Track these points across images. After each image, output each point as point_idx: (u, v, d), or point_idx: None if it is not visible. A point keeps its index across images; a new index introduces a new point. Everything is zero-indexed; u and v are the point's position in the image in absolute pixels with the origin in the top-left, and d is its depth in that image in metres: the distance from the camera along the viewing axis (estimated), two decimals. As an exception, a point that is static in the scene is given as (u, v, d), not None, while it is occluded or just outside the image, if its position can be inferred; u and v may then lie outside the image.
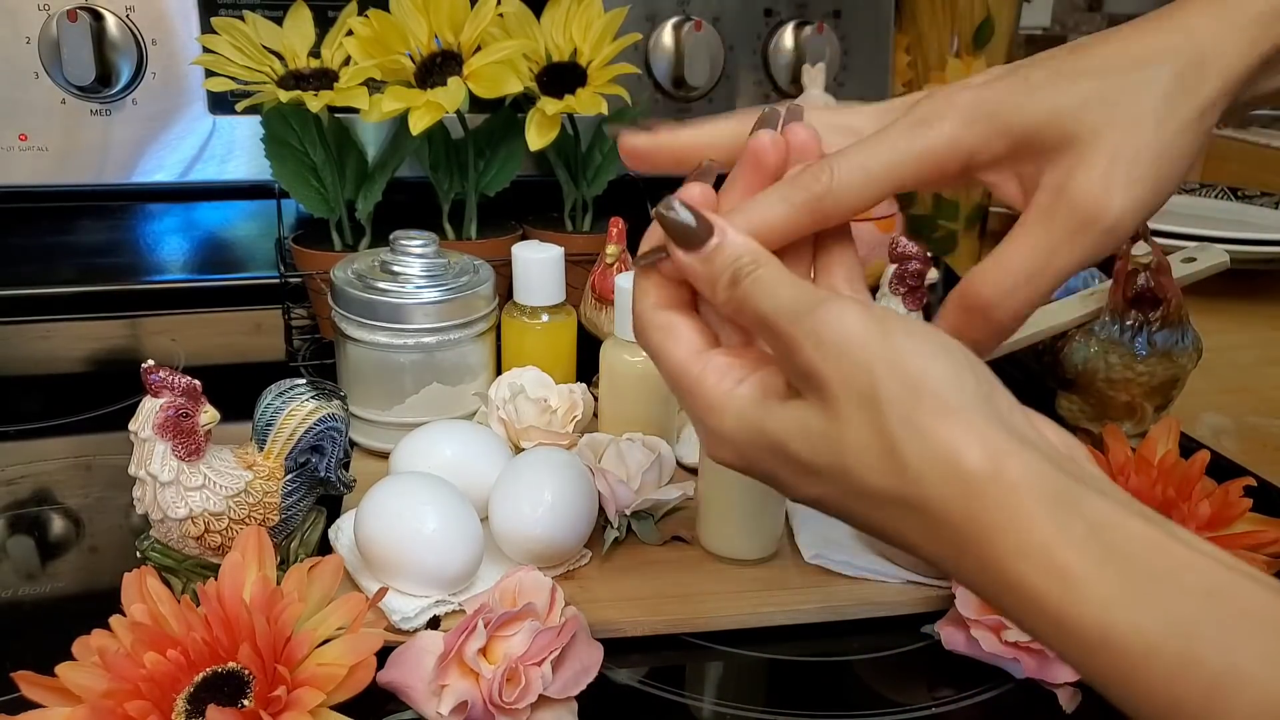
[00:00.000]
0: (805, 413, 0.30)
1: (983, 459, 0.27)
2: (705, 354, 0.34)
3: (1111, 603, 0.25)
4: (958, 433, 0.27)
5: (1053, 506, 0.26)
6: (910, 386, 0.28)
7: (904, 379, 0.28)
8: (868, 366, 0.28)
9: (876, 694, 0.46)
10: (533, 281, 0.65)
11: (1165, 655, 0.24)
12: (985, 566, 0.27)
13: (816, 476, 0.30)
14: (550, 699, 0.42)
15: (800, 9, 0.96)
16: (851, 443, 0.29)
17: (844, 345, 0.29)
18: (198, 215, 0.92)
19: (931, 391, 0.28)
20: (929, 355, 0.29)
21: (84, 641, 0.40)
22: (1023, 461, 0.27)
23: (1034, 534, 0.26)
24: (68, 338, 0.84)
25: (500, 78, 0.70)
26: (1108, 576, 0.25)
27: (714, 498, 0.53)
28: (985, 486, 0.27)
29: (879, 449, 0.28)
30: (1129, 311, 0.61)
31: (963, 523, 0.27)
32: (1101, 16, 1.36)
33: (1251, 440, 0.70)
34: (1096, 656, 0.25)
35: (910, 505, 0.28)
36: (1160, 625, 0.24)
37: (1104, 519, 0.26)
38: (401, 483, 0.50)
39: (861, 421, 0.28)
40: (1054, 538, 0.26)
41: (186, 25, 0.84)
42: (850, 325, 0.29)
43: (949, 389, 0.28)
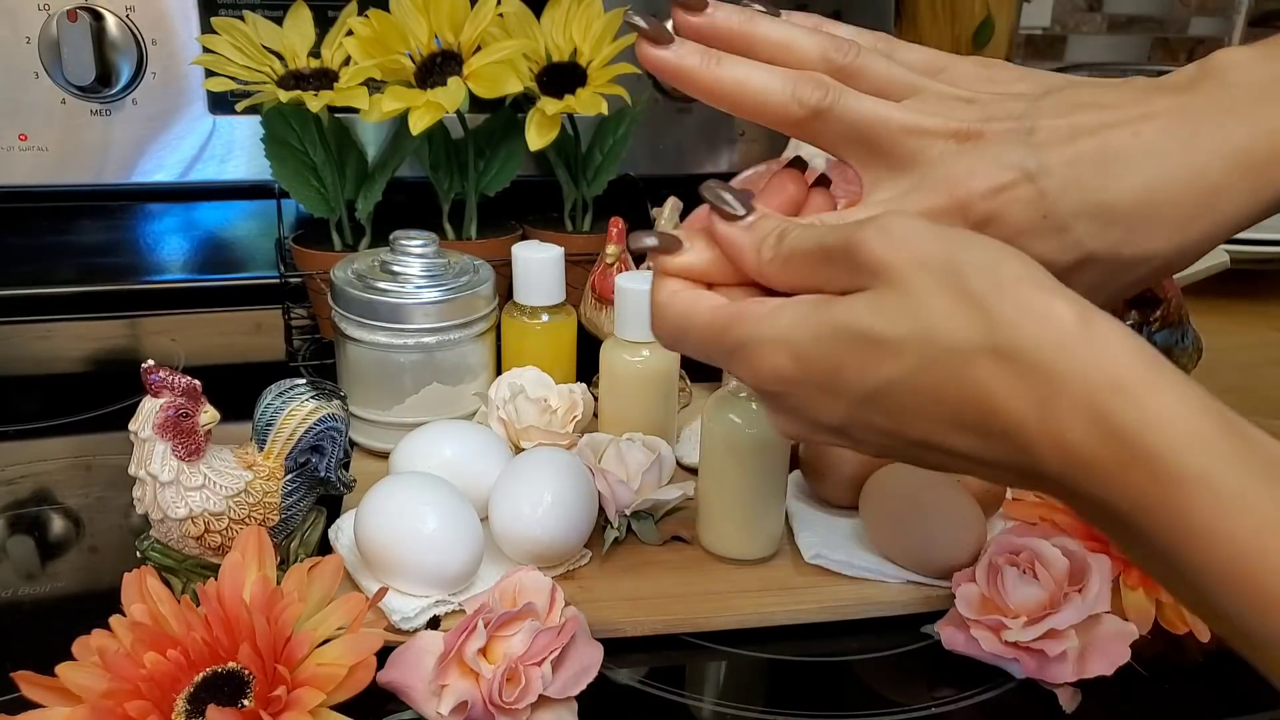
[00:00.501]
0: (877, 295, 0.29)
1: (1073, 312, 0.27)
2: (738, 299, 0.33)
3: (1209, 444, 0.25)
4: (1045, 292, 0.28)
5: (1146, 357, 0.27)
6: (990, 257, 0.28)
7: (982, 252, 0.28)
8: (942, 246, 0.29)
9: (876, 694, 0.46)
10: (533, 281, 0.65)
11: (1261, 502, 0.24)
12: (1079, 407, 0.26)
13: (893, 349, 0.29)
14: (550, 699, 0.42)
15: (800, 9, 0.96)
16: (935, 306, 0.28)
17: (915, 232, 0.29)
18: (198, 215, 0.92)
19: (1013, 263, 0.28)
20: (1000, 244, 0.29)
21: (84, 641, 0.40)
22: (1112, 322, 0.27)
23: (1130, 371, 0.26)
24: (68, 338, 0.84)
25: (500, 78, 0.70)
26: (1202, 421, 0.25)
27: (714, 498, 0.53)
28: (1079, 329, 0.27)
29: (967, 306, 0.28)
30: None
31: (1057, 362, 0.27)
32: (1101, 16, 1.36)
33: (1251, 440, 0.70)
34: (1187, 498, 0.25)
35: (1001, 353, 0.27)
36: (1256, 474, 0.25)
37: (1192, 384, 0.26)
38: (401, 483, 0.50)
39: (944, 287, 0.28)
40: (1150, 377, 0.26)
41: (186, 25, 0.84)
42: (917, 222, 0.30)
43: (1029, 265, 0.28)
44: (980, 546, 0.50)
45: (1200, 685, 0.47)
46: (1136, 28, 1.38)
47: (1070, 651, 0.44)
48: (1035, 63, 1.31)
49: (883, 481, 0.53)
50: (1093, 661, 0.44)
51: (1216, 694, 0.46)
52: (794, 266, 0.32)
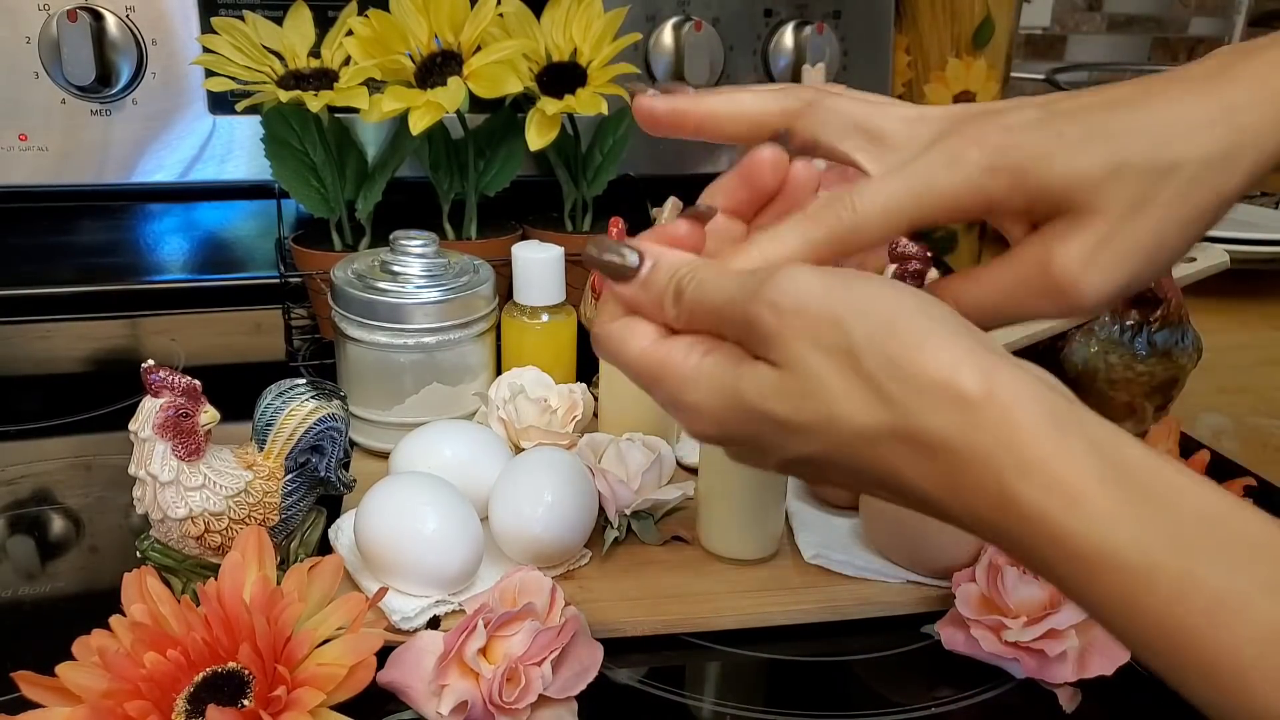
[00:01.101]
0: (778, 375, 0.29)
1: (975, 378, 0.26)
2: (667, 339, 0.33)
3: (1114, 519, 0.24)
4: (944, 355, 0.27)
5: (1051, 423, 0.26)
6: (884, 325, 0.27)
7: (873, 318, 0.28)
8: (833, 316, 0.28)
9: (876, 694, 0.46)
10: (533, 281, 0.65)
11: (1167, 574, 0.24)
12: (983, 489, 0.26)
13: (802, 434, 0.29)
14: (550, 699, 0.42)
15: (800, 9, 0.96)
16: (834, 391, 0.28)
17: (803, 303, 0.28)
18: (198, 215, 0.92)
19: (907, 327, 0.27)
20: (895, 296, 0.28)
21: (84, 641, 0.40)
22: (1016, 379, 0.26)
23: (1033, 450, 0.25)
24: (68, 338, 0.84)
25: (500, 78, 0.70)
26: (1109, 493, 0.25)
27: (714, 498, 0.53)
28: (980, 405, 0.26)
29: (864, 391, 0.27)
30: (1129, 311, 0.61)
31: (961, 446, 0.26)
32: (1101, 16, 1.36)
33: (1251, 440, 0.70)
34: (1097, 577, 0.25)
35: (904, 437, 0.27)
36: (1162, 544, 0.24)
37: (1104, 439, 0.26)
38: (401, 483, 0.50)
39: (840, 369, 0.28)
40: (1054, 454, 0.25)
41: (186, 25, 0.84)
42: (804, 283, 0.29)
43: (925, 320, 0.28)
44: (980, 546, 0.50)
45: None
46: (1136, 28, 1.38)
47: (1070, 651, 0.44)
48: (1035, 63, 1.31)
49: (883, 481, 0.53)
50: (1093, 661, 0.44)
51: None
52: (699, 321, 0.32)
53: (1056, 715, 0.44)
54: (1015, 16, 1.05)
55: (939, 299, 0.30)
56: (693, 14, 0.92)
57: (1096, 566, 0.25)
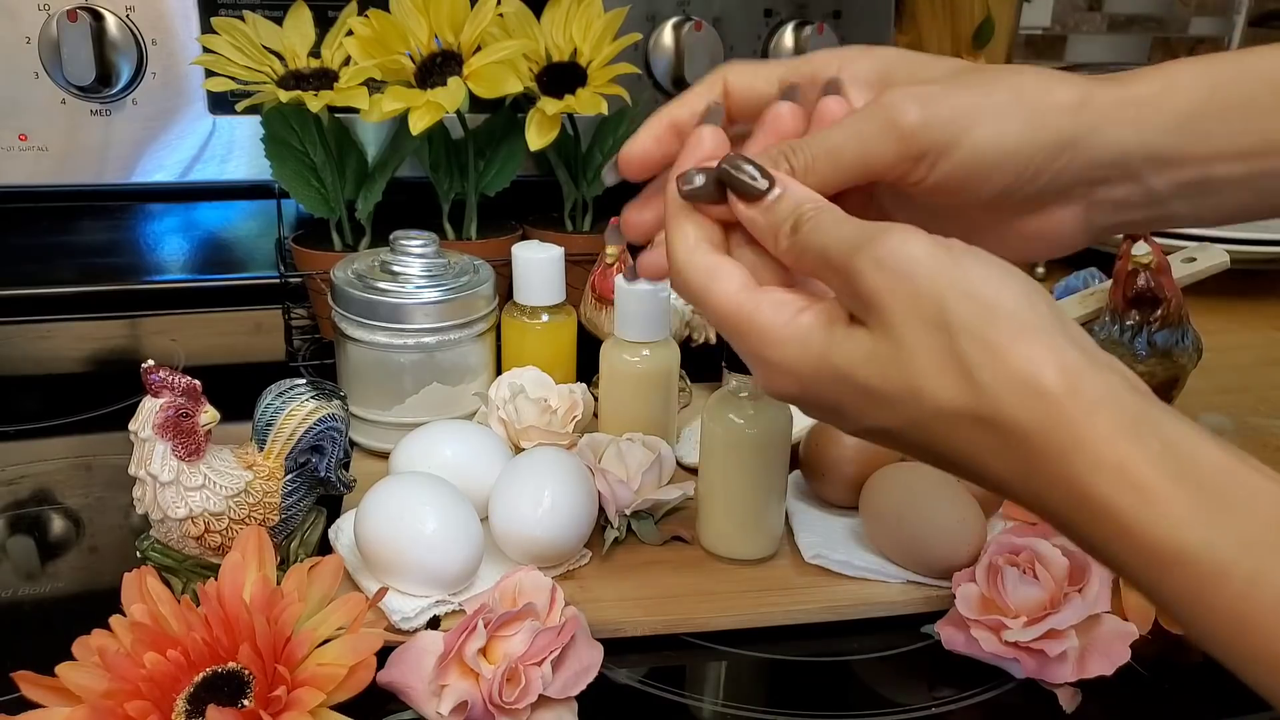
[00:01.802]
0: (872, 340, 0.30)
1: (1060, 376, 0.27)
2: (758, 290, 0.33)
3: (1186, 520, 0.25)
4: (1035, 351, 0.27)
5: (1130, 424, 0.27)
6: (983, 308, 0.28)
7: (976, 302, 0.28)
8: (936, 292, 0.28)
9: (876, 694, 0.46)
10: (533, 281, 0.65)
11: (1236, 574, 0.25)
12: (1058, 482, 0.27)
13: (886, 404, 0.30)
14: (550, 699, 0.42)
15: (800, 9, 0.96)
16: (924, 366, 0.29)
17: (910, 270, 0.29)
18: (198, 215, 0.92)
19: (1006, 313, 0.28)
20: (1000, 280, 0.29)
21: (84, 641, 0.40)
22: (1100, 380, 0.27)
23: (1111, 449, 0.26)
24: (68, 338, 0.84)
25: (500, 78, 0.70)
26: (1182, 494, 0.25)
27: (714, 498, 0.53)
28: (1063, 402, 0.27)
29: (953, 371, 0.28)
30: (1129, 311, 0.61)
31: (1039, 438, 0.27)
32: (1101, 16, 1.36)
33: (1251, 440, 0.70)
34: (1167, 573, 0.26)
35: (985, 422, 0.28)
36: (1233, 545, 0.25)
37: (1180, 440, 0.26)
38: (401, 483, 0.50)
39: (933, 345, 0.28)
40: (1130, 454, 0.26)
41: (186, 25, 0.84)
42: (915, 251, 0.29)
43: (1024, 310, 0.28)
44: (980, 546, 0.50)
45: (1200, 685, 0.47)
46: (1136, 28, 1.38)
47: (1070, 651, 0.44)
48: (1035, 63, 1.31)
49: (883, 481, 0.53)
50: (1093, 661, 0.44)
51: (1216, 694, 0.46)
52: (806, 262, 0.33)
53: (1056, 715, 0.44)
54: (1015, 16, 1.05)
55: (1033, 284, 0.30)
56: (693, 14, 0.92)
57: (1167, 562, 0.26)
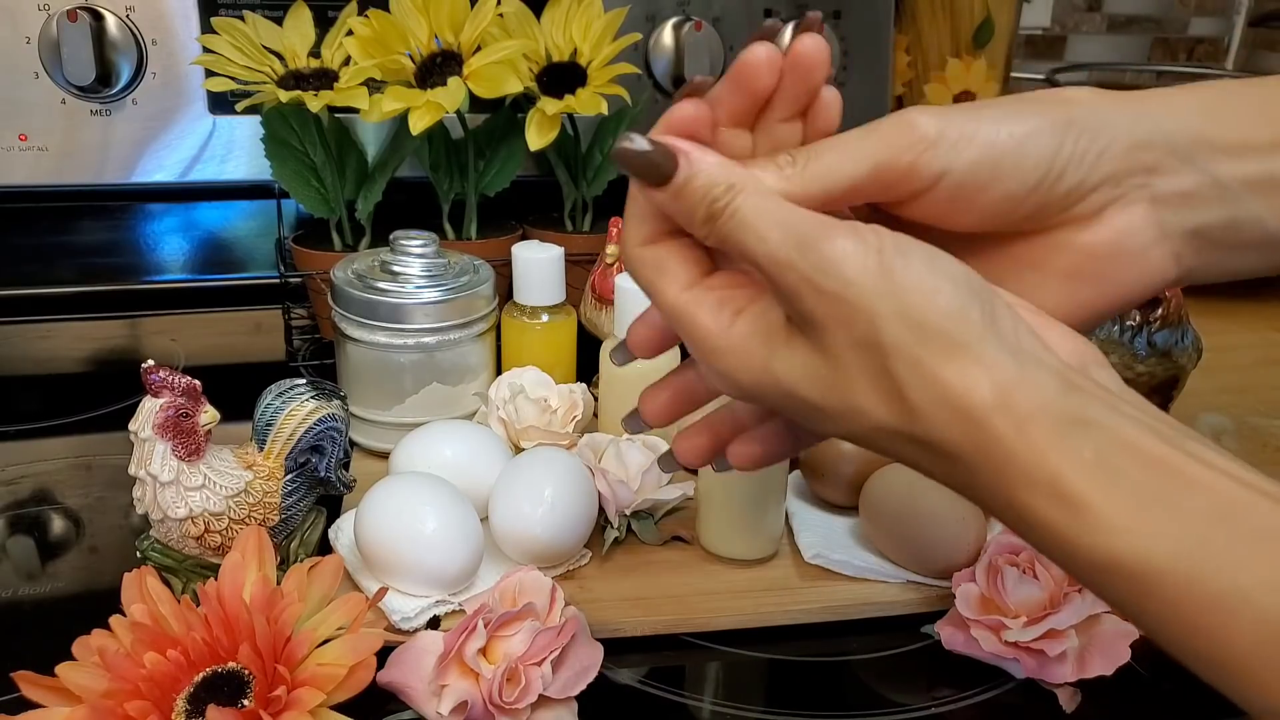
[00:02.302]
0: (811, 357, 0.30)
1: (990, 393, 0.27)
2: (696, 289, 0.32)
3: (1119, 530, 0.25)
4: (965, 369, 0.27)
5: (1060, 433, 0.26)
6: (914, 326, 0.28)
7: (907, 320, 0.28)
8: (869, 312, 0.28)
9: (876, 694, 0.46)
10: (533, 281, 0.65)
11: (1173, 579, 0.25)
12: (995, 496, 0.28)
13: (830, 418, 0.30)
14: (550, 699, 0.42)
15: (800, 9, 0.96)
16: (859, 386, 0.29)
17: (843, 290, 0.28)
18: (198, 215, 0.92)
19: (935, 329, 0.28)
20: (931, 289, 0.28)
21: (84, 641, 0.40)
22: (1031, 387, 0.27)
23: (1041, 465, 0.26)
24: (68, 338, 0.84)
25: (500, 78, 0.70)
26: (1115, 503, 0.26)
27: (714, 498, 0.53)
28: (993, 420, 0.27)
29: (886, 391, 0.29)
30: (1129, 311, 0.61)
31: (971, 457, 0.28)
32: (1101, 16, 1.36)
33: (1251, 440, 0.70)
34: (1107, 581, 0.26)
35: (920, 442, 0.29)
36: (1167, 550, 0.25)
37: (1113, 441, 0.26)
38: (401, 483, 0.50)
39: (867, 366, 0.29)
40: (1061, 466, 0.26)
41: (186, 25, 0.84)
42: (849, 268, 0.28)
43: (954, 323, 0.28)
44: (980, 546, 0.50)
45: (1200, 685, 0.46)
46: (1136, 28, 1.38)
47: (1070, 651, 0.44)
48: (1035, 63, 1.31)
49: (883, 481, 0.53)
50: (1093, 661, 0.44)
51: (1216, 694, 0.46)
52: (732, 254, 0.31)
53: (1056, 715, 0.44)
54: (1015, 16, 1.05)
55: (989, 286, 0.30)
56: (693, 14, 0.92)
57: (1105, 573, 0.26)
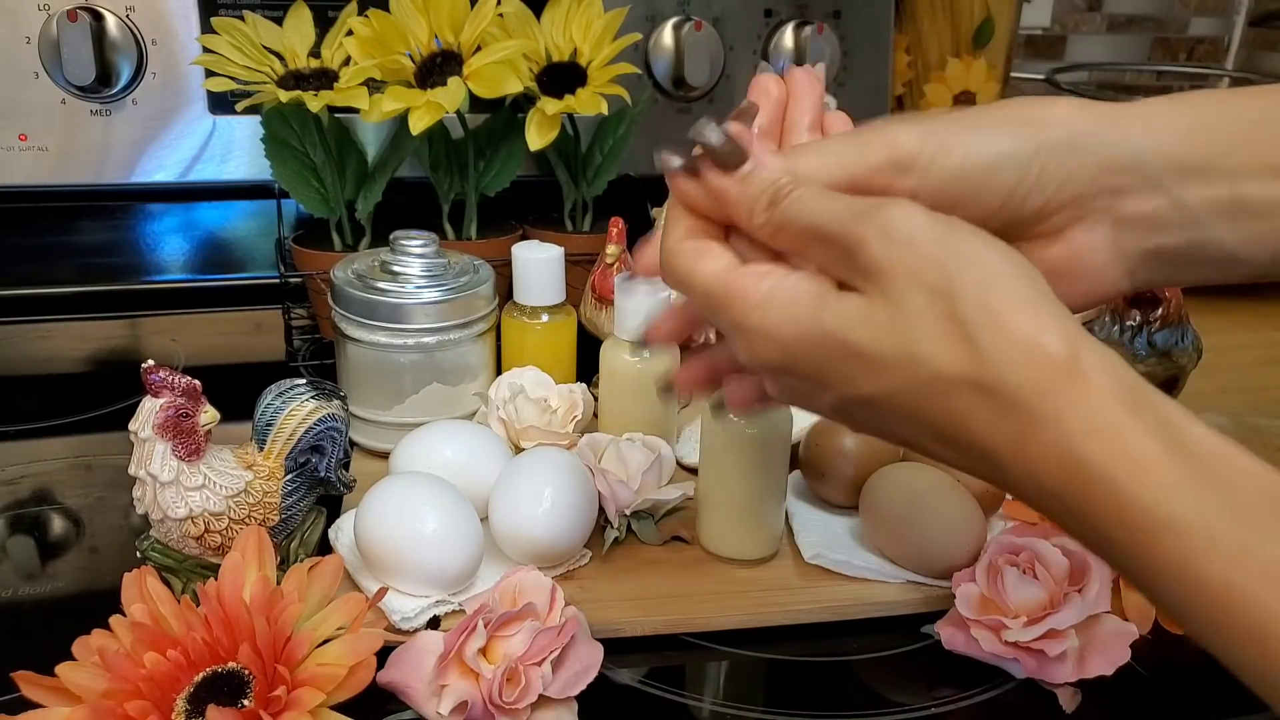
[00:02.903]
0: (869, 304, 0.30)
1: (1061, 343, 0.27)
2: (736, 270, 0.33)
3: (1179, 489, 0.26)
4: (1037, 318, 0.28)
5: (1128, 394, 0.27)
6: (985, 275, 0.28)
7: (978, 270, 0.28)
8: (939, 259, 0.29)
9: (876, 694, 0.46)
10: (533, 281, 0.65)
11: (1225, 544, 0.25)
12: (1051, 449, 0.27)
13: (878, 368, 0.30)
14: (550, 699, 0.42)
15: (800, 9, 0.96)
16: (923, 330, 0.29)
17: (914, 239, 0.29)
18: (198, 215, 0.92)
19: (1007, 282, 0.28)
20: (999, 253, 0.29)
21: (84, 641, 0.40)
22: (1099, 351, 0.28)
23: (1108, 415, 0.27)
24: (68, 338, 0.84)
25: (500, 78, 0.70)
26: (1176, 464, 0.26)
27: (714, 498, 0.53)
28: (1063, 367, 0.27)
29: (954, 334, 0.28)
30: (1129, 311, 0.61)
31: (1036, 401, 0.27)
32: (1101, 16, 1.36)
33: (1251, 440, 0.70)
34: (1157, 542, 0.26)
35: (983, 387, 0.28)
36: (1224, 516, 0.25)
37: (1174, 416, 0.27)
38: (401, 483, 0.50)
39: (934, 310, 0.28)
40: (1126, 421, 0.26)
41: (186, 25, 0.84)
42: (919, 221, 0.29)
43: (1023, 281, 0.28)
44: (980, 546, 0.50)
45: (1200, 685, 0.47)
46: (1136, 28, 1.38)
47: (1070, 651, 0.44)
48: (1035, 63, 1.31)
49: (883, 481, 0.53)
50: (1093, 661, 0.44)
51: (1216, 694, 0.46)
52: (786, 237, 0.32)
53: (1056, 715, 0.44)
54: (1015, 16, 1.05)
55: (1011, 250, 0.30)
56: (693, 14, 0.92)
57: (1157, 530, 0.26)
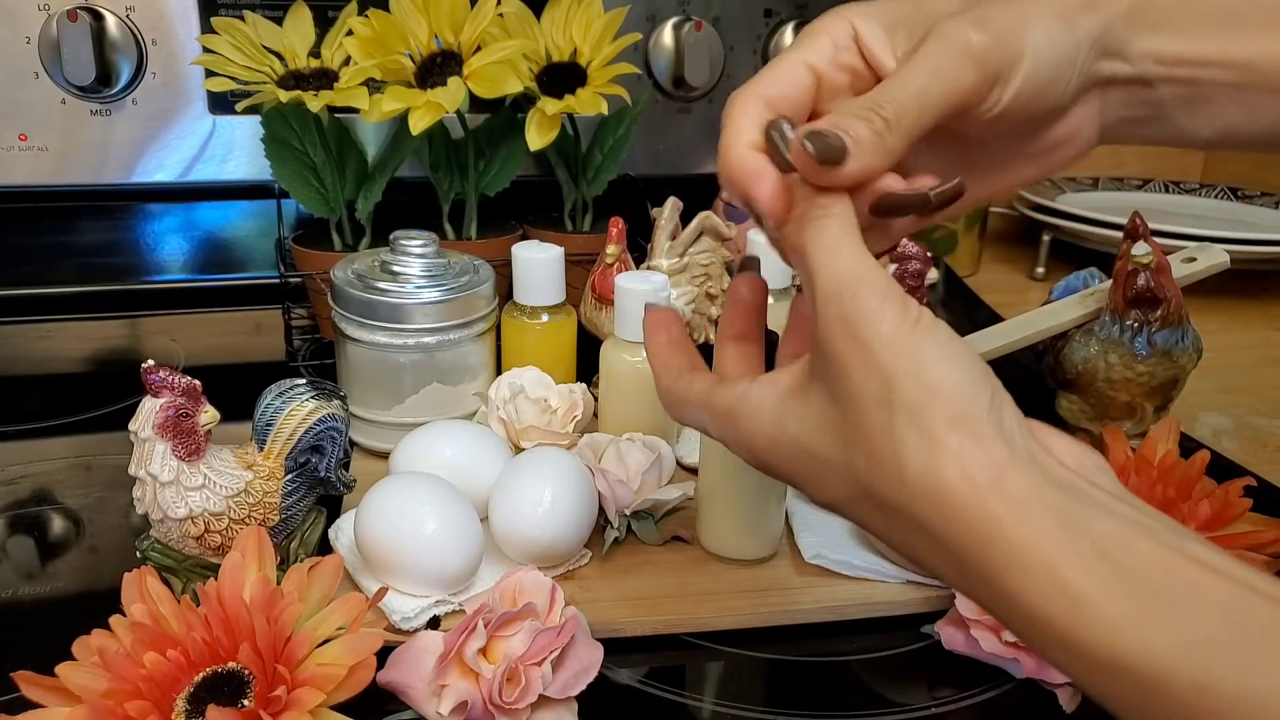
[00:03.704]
0: (824, 407, 0.31)
1: (987, 470, 0.27)
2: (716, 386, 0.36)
3: (1121, 623, 0.24)
4: (965, 441, 0.27)
5: (1056, 522, 0.26)
6: (926, 391, 0.28)
7: (921, 384, 0.28)
8: (889, 371, 0.29)
9: (876, 694, 0.46)
10: (533, 281, 0.65)
11: (1180, 679, 0.23)
12: (988, 583, 0.27)
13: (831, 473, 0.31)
14: (550, 699, 0.42)
15: (800, 9, 0.96)
16: (861, 448, 0.29)
17: (873, 341, 0.29)
18: (198, 215, 0.92)
19: (946, 397, 0.28)
20: (950, 365, 0.29)
21: (84, 641, 0.40)
22: (1026, 476, 0.27)
23: (1037, 549, 0.26)
24: (68, 338, 0.84)
25: (500, 78, 0.70)
26: (1115, 596, 0.24)
27: (714, 498, 0.53)
28: (988, 499, 0.27)
29: (888, 452, 0.28)
30: (1129, 311, 0.61)
31: (964, 536, 0.27)
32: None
33: (1251, 440, 0.70)
34: (1108, 679, 0.25)
35: (912, 518, 0.28)
36: (1174, 648, 0.24)
37: (1110, 537, 0.25)
38: (401, 483, 0.50)
39: (875, 422, 0.29)
40: (1058, 554, 0.25)
41: (186, 25, 0.84)
42: (885, 325, 0.29)
43: (963, 397, 0.28)
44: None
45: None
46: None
47: (1070, 651, 0.44)
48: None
49: (883, 481, 0.53)
50: (1093, 661, 0.44)
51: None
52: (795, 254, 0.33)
53: (1056, 715, 0.44)
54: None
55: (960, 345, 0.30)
56: (693, 14, 0.92)
57: (1106, 670, 0.25)
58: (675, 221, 0.66)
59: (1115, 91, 0.37)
